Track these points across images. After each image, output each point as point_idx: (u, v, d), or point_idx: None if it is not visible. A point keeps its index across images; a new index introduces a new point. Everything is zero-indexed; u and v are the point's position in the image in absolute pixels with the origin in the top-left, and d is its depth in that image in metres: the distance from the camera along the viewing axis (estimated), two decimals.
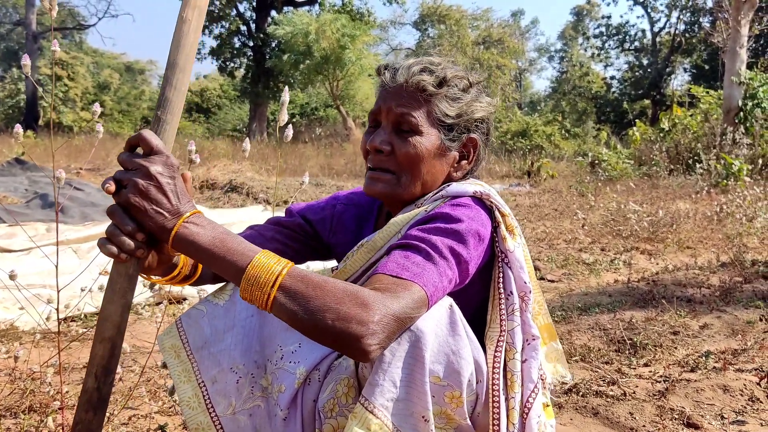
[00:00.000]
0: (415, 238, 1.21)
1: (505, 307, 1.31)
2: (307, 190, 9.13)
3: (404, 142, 1.34)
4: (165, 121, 1.14)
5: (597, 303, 3.70)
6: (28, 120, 25.86)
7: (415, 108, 1.34)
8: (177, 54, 1.14)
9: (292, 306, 1.04)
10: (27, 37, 29.07)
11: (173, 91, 1.14)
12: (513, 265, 1.32)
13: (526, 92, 48.51)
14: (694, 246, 5.53)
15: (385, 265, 1.16)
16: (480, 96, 1.41)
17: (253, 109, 27.51)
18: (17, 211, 6.39)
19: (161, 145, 1.12)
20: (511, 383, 1.27)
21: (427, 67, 1.35)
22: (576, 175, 12.33)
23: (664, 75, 33.26)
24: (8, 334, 2.89)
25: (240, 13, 27.88)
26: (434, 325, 1.13)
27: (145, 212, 1.09)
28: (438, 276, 1.16)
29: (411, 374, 1.12)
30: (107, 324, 1.12)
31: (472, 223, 1.25)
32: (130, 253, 1.11)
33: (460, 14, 36.64)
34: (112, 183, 1.10)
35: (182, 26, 1.14)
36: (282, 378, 1.33)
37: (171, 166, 1.12)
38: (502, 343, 1.28)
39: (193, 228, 1.10)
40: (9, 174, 10.18)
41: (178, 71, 1.14)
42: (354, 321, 1.02)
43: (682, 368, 2.62)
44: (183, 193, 1.13)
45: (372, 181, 1.38)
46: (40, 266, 4.12)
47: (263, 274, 1.05)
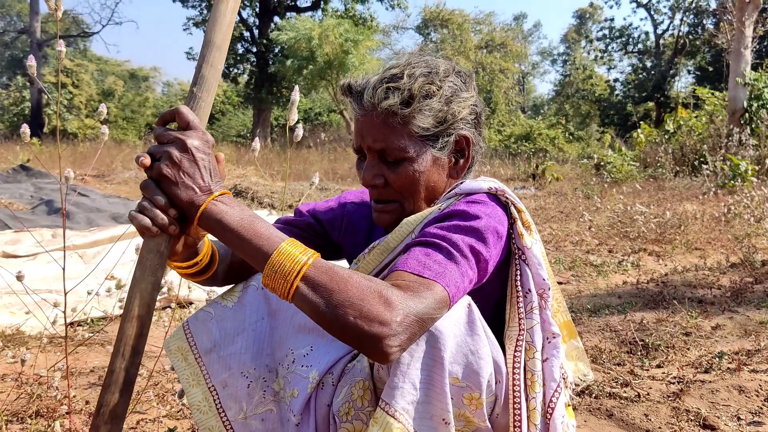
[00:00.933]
0: (434, 236, 1.18)
1: (524, 305, 1.28)
2: (312, 194, 9.13)
3: (395, 173, 1.31)
4: (200, 98, 1.14)
5: (606, 304, 3.67)
6: (33, 127, 25.91)
7: (393, 138, 1.29)
8: (214, 32, 1.15)
9: (315, 298, 1.02)
10: (31, 45, 29.20)
11: (209, 68, 1.14)
12: (531, 262, 1.29)
13: (530, 96, 48.53)
14: (703, 247, 5.49)
15: (405, 262, 1.13)
16: (455, 93, 1.33)
17: (257, 115, 27.55)
18: (23, 217, 6.39)
19: (197, 120, 1.11)
20: (531, 383, 1.24)
21: (391, 85, 1.27)
22: (581, 178, 12.30)
23: (668, 77, 33.20)
24: (15, 339, 2.87)
25: (243, 19, 27.95)
26: (452, 325, 1.11)
27: (176, 185, 1.07)
28: (460, 276, 1.13)
29: (430, 376, 1.09)
30: (136, 302, 1.09)
31: (490, 220, 1.22)
32: (163, 227, 1.09)
33: (462, 18, 36.68)
34: (147, 156, 1.08)
35: (219, 5, 1.16)
36: (294, 382, 1.30)
37: (207, 141, 1.11)
38: (522, 342, 1.25)
39: (222, 206, 1.08)
40: (14, 181, 10.21)
41: (215, 49, 1.15)
42: (376, 321, 0.99)
43: (695, 369, 2.59)
44: (215, 171, 1.11)
45: (379, 214, 1.37)
46: (46, 271, 4.11)
47: (288, 262, 1.03)
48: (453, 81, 1.33)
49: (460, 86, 1.34)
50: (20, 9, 42.72)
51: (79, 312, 2.72)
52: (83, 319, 3.17)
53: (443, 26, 36.60)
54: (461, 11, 37.13)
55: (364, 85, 1.32)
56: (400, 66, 1.32)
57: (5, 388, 2.30)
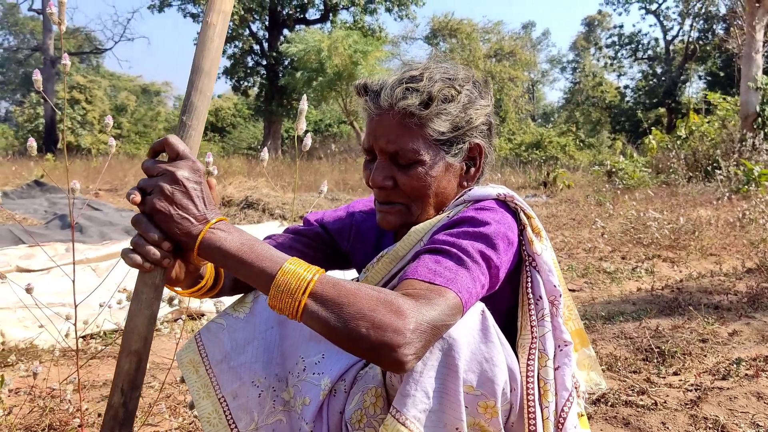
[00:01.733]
0: (443, 243, 1.16)
1: (535, 312, 1.26)
2: (322, 204, 9.14)
3: (406, 175, 1.29)
4: (190, 126, 1.12)
5: (621, 311, 3.63)
6: (47, 143, 26.23)
7: (407, 139, 1.27)
8: (202, 59, 1.13)
9: (324, 313, 1.00)
10: (45, 62, 29.58)
11: (198, 95, 1.13)
12: (541, 268, 1.27)
13: (539, 104, 48.48)
14: (718, 253, 5.43)
15: (415, 270, 1.11)
16: (473, 100, 1.32)
17: (267, 127, 27.71)
18: (37, 232, 6.43)
19: (187, 150, 1.10)
20: (544, 392, 1.21)
21: (410, 86, 1.25)
22: (592, 185, 12.23)
23: (679, 83, 33.05)
24: (28, 353, 2.88)
25: (253, 32, 28.20)
26: (466, 333, 1.09)
27: (171, 218, 1.06)
28: (471, 281, 1.11)
29: (444, 384, 1.08)
30: (133, 336, 1.09)
31: (500, 226, 1.21)
32: (156, 262, 1.08)
33: (471, 28, 36.75)
34: (137, 193, 1.08)
35: (207, 30, 1.14)
36: (306, 390, 1.28)
37: (197, 171, 1.09)
38: (535, 350, 1.23)
39: (220, 234, 1.08)
40: (29, 196, 10.32)
41: (203, 76, 1.13)
42: (389, 330, 0.97)
43: (713, 376, 2.54)
44: (209, 199, 1.10)
45: (383, 215, 1.35)
46: (60, 285, 4.12)
47: (293, 280, 1.02)
48: (471, 88, 1.32)
49: (477, 94, 1.33)
50: (33, 27, 43.32)
51: (91, 325, 2.72)
52: (96, 332, 3.17)
53: (452, 36, 36.68)
54: (470, 21, 37.22)
55: (381, 84, 1.30)
56: (420, 69, 1.30)
57: (18, 402, 2.30)
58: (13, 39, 46.97)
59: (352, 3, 27.29)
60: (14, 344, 2.94)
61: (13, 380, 2.49)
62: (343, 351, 1.31)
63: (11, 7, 43.20)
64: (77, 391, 2.26)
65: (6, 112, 47.15)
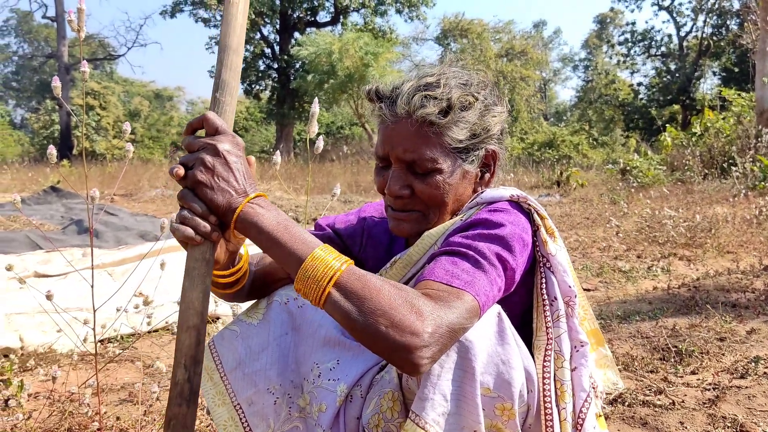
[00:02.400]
0: (460, 245, 1.16)
1: (550, 313, 1.26)
2: (335, 206, 9.16)
3: (424, 184, 1.28)
4: (224, 102, 1.15)
5: (637, 311, 3.60)
6: (63, 149, 26.47)
7: (425, 148, 1.25)
8: (229, 36, 1.17)
9: (346, 305, 1.00)
10: (59, 69, 29.89)
11: (229, 72, 1.16)
12: (556, 269, 1.27)
13: (552, 103, 48.25)
14: (735, 250, 5.38)
15: (433, 272, 1.11)
16: (489, 107, 1.31)
17: (280, 130, 27.81)
18: (54, 237, 6.50)
19: (225, 125, 1.12)
20: (561, 393, 1.21)
21: (428, 94, 1.24)
22: (606, 184, 12.16)
23: (693, 79, 32.77)
24: (47, 357, 2.91)
25: (264, 36, 28.32)
26: (483, 335, 1.09)
27: (212, 189, 1.06)
28: (488, 284, 1.11)
29: (461, 387, 1.08)
30: (190, 312, 1.10)
31: (515, 228, 1.20)
32: (206, 235, 1.09)
33: (481, 28, 36.65)
34: (180, 167, 1.08)
35: (230, 8, 1.17)
36: (322, 397, 1.28)
37: (238, 144, 1.10)
38: (551, 351, 1.23)
39: (258, 209, 1.08)
40: (45, 202, 10.42)
41: (232, 53, 1.16)
42: (408, 331, 0.97)
43: (731, 375, 2.52)
44: (249, 174, 1.11)
45: (398, 222, 1.33)
46: (78, 290, 4.16)
47: (322, 267, 1.02)
48: (487, 94, 1.32)
49: (493, 100, 1.33)
50: (47, 34, 43.79)
51: (109, 329, 2.75)
52: (113, 336, 3.20)
53: (463, 36, 36.60)
54: (480, 21, 37.10)
55: (397, 91, 1.28)
56: (435, 74, 1.29)
57: (38, 406, 2.33)
58: (27, 46, 47.55)
59: (362, 5, 27.34)
60: (33, 349, 2.97)
61: (32, 385, 2.52)
62: (358, 357, 1.31)
63: (25, 15, 43.69)
64: (96, 394, 2.28)
65: (22, 119, 47.68)
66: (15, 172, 16.35)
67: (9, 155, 27.59)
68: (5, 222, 7.59)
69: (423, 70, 1.33)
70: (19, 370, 2.71)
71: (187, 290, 1.10)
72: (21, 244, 5.84)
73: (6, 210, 8.58)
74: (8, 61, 47.59)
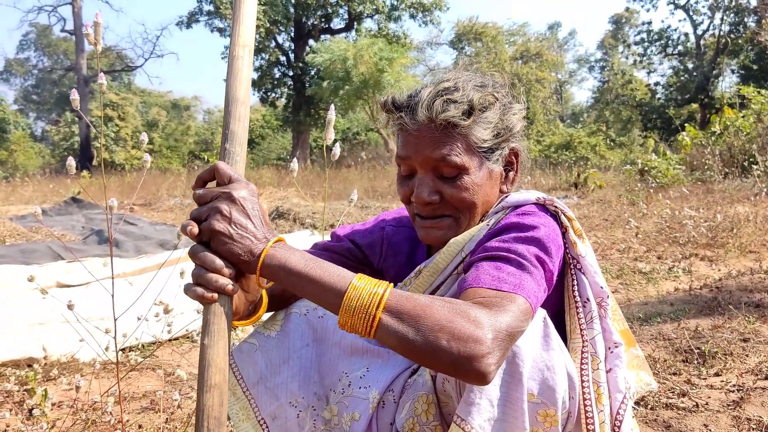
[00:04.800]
0: (499, 249, 1.15)
1: (583, 315, 1.25)
2: (352, 212, 9.17)
3: (454, 187, 1.26)
4: (234, 152, 1.14)
5: (658, 312, 3.56)
6: (83, 161, 26.83)
7: (453, 149, 1.24)
8: (236, 89, 1.17)
9: (401, 327, 0.97)
10: (78, 82, 30.32)
11: (237, 123, 1.15)
12: (587, 270, 1.26)
13: (568, 104, 47.98)
14: (758, 250, 5.30)
15: (477, 279, 1.09)
16: (509, 106, 1.31)
17: (296, 137, 27.96)
18: (75, 247, 6.58)
19: (237, 174, 1.09)
20: (598, 396, 1.19)
21: (449, 98, 1.23)
22: (625, 185, 12.04)
23: (711, 78, 32.40)
24: (69, 367, 2.95)
25: (279, 44, 28.51)
26: (529, 339, 1.08)
27: (230, 238, 1.03)
28: (536, 285, 1.10)
29: (508, 392, 1.06)
30: (211, 370, 1.04)
31: (548, 230, 1.20)
32: (220, 290, 1.04)
33: (496, 31, 36.59)
34: (193, 224, 1.05)
35: (235, 63, 1.18)
36: (354, 405, 1.27)
37: (253, 191, 1.08)
38: (587, 354, 1.22)
39: (282, 252, 1.05)
40: (66, 213, 10.56)
41: (239, 105, 1.16)
42: (470, 340, 0.95)
43: (756, 376, 2.48)
44: (266, 219, 1.09)
45: (428, 230, 1.30)
46: (98, 299, 4.21)
47: (366, 295, 0.99)
48: (506, 93, 1.32)
49: (512, 98, 1.33)
50: (66, 47, 44.46)
51: (130, 337, 2.77)
52: (135, 345, 3.23)
53: (477, 39, 36.56)
54: (494, 24, 37.06)
55: (415, 98, 1.27)
56: (451, 79, 1.28)
57: (62, 415, 2.36)
58: (47, 60, 48.30)
59: (376, 11, 27.44)
60: (56, 358, 3.01)
61: (55, 394, 2.55)
62: (388, 362, 1.30)
63: (44, 29, 44.37)
64: (118, 403, 2.30)
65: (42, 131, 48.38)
66: (36, 183, 16.60)
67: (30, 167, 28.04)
68: (27, 233, 7.70)
69: (438, 76, 1.32)
70: (42, 380, 2.75)
71: (207, 347, 1.05)
72: (43, 255, 5.91)
73: (28, 221, 8.71)
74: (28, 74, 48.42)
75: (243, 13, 1.20)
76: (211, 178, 1.10)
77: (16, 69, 48.60)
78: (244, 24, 1.20)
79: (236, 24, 1.20)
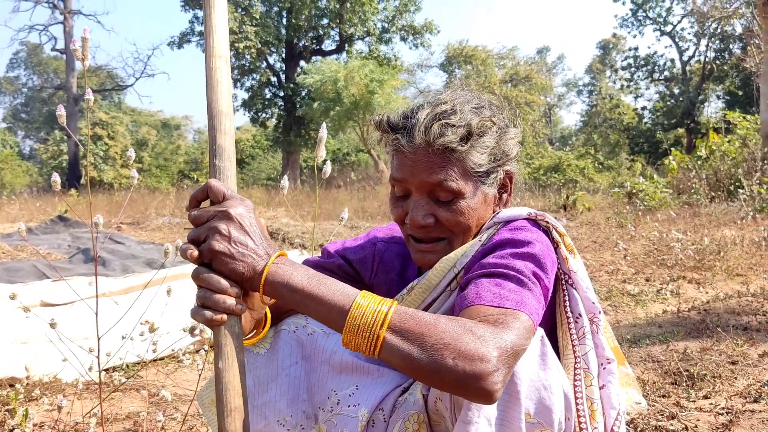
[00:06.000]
0: (496, 266, 1.14)
1: (575, 330, 1.24)
2: (342, 232, 9.15)
3: (449, 211, 1.26)
4: (224, 167, 1.11)
5: (647, 334, 3.56)
6: (71, 179, 26.69)
7: (449, 175, 1.23)
8: (218, 102, 1.14)
9: (405, 346, 0.96)
10: (68, 100, 30.27)
11: (224, 137, 1.12)
12: (578, 285, 1.26)
13: (557, 127, 48.39)
14: (745, 273, 5.33)
15: (478, 296, 1.08)
16: (505, 130, 1.31)
17: (286, 158, 27.99)
18: (61, 266, 6.51)
19: (231, 190, 1.07)
20: (592, 412, 1.19)
21: (447, 122, 1.21)
22: (613, 207, 12.12)
23: (697, 103, 32.84)
24: (52, 387, 2.90)
25: (270, 64, 28.66)
26: (527, 358, 1.07)
27: (232, 256, 1.01)
28: (536, 302, 1.10)
29: (505, 411, 1.05)
30: (230, 393, 1.02)
31: (542, 245, 1.20)
32: (228, 310, 1.02)
33: (485, 54, 36.98)
34: (193, 247, 1.03)
35: (213, 75, 1.14)
36: (342, 424, 1.25)
37: (249, 206, 1.06)
38: (580, 370, 1.21)
39: (285, 268, 1.03)
40: (52, 231, 10.46)
41: (224, 117, 1.13)
42: (476, 358, 0.93)
43: (744, 399, 2.48)
44: (265, 234, 1.07)
45: (424, 254, 1.30)
46: (83, 319, 4.15)
47: (370, 313, 0.98)
48: (501, 117, 1.31)
49: (507, 122, 1.33)
50: (57, 66, 44.43)
51: (114, 357, 2.73)
52: (119, 365, 3.18)
53: (467, 63, 36.92)
54: (484, 47, 37.46)
55: (411, 120, 1.25)
56: (447, 101, 1.27)
57: None
58: (37, 78, 48.24)
59: (367, 33, 27.69)
60: (38, 378, 2.96)
61: (37, 414, 2.50)
62: (378, 380, 1.28)
63: (35, 48, 44.37)
64: (100, 424, 2.26)
65: (30, 149, 48.18)
66: (23, 202, 16.46)
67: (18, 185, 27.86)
68: (12, 252, 7.62)
69: (434, 97, 1.31)
70: (24, 400, 2.69)
71: (222, 371, 1.03)
72: (27, 274, 5.85)
73: (13, 240, 8.62)
74: (18, 92, 48.31)
75: (214, 23, 1.16)
76: (205, 197, 1.07)
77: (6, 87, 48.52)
78: (217, 34, 1.16)
79: (209, 35, 1.16)
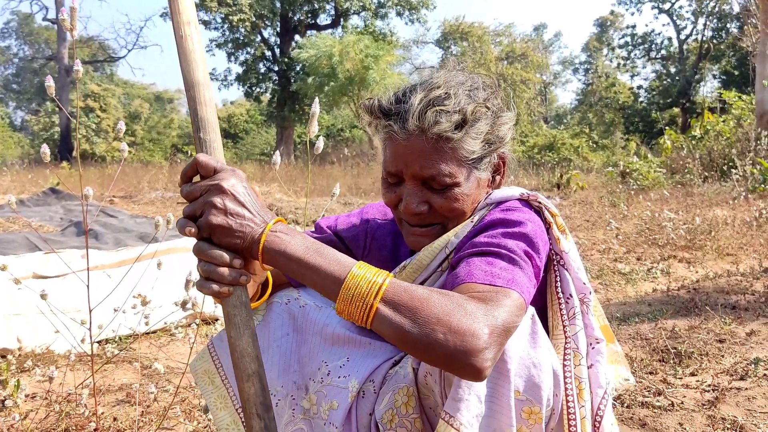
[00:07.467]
0: (488, 245, 1.14)
1: (566, 311, 1.25)
2: (335, 208, 9.15)
3: (443, 198, 1.25)
4: (210, 140, 1.09)
5: (636, 312, 3.60)
6: (62, 151, 26.52)
7: (443, 163, 1.22)
8: (193, 72, 1.09)
9: (398, 318, 0.96)
10: (59, 71, 29.93)
11: (205, 108, 1.09)
12: (570, 266, 1.26)
13: (552, 106, 48.26)
14: (735, 252, 5.37)
15: (470, 274, 1.08)
16: (499, 114, 1.29)
17: (280, 133, 27.87)
18: (53, 239, 6.49)
19: (220, 163, 1.06)
20: (580, 391, 1.19)
21: (441, 108, 1.19)
22: (606, 186, 12.15)
23: (693, 82, 32.80)
24: (44, 358, 2.91)
25: (264, 38, 28.37)
26: (517, 336, 1.08)
27: (230, 229, 1.01)
28: (527, 280, 1.10)
29: (495, 388, 1.06)
30: (245, 360, 1.05)
31: (534, 226, 1.20)
32: (234, 282, 1.04)
33: (482, 31, 36.72)
34: (191, 223, 1.03)
35: (184, 44, 1.10)
36: (333, 395, 1.26)
37: (240, 176, 1.06)
38: (569, 350, 1.22)
39: (282, 236, 1.03)
40: (44, 204, 10.41)
41: (201, 87, 1.10)
42: (467, 334, 0.94)
43: (731, 376, 2.52)
44: (260, 202, 1.07)
45: (417, 237, 1.29)
46: (75, 291, 4.16)
47: (364, 284, 0.98)
48: (496, 100, 1.30)
49: (502, 105, 1.31)
50: (48, 36, 43.84)
51: (106, 329, 2.74)
52: (111, 337, 3.19)
53: (463, 39, 36.66)
54: (481, 24, 37.18)
55: (404, 106, 1.23)
56: (441, 85, 1.24)
57: (35, 407, 2.32)
58: (28, 49, 47.57)
59: (363, 8, 27.40)
60: (31, 350, 2.97)
61: (29, 385, 2.51)
62: (369, 353, 1.29)
63: (26, 17, 43.75)
64: (93, 395, 2.27)
65: (22, 121, 47.71)
66: (15, 173, 16.35)
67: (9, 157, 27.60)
68: (4, 224, 7.59)
69: (428, 79, 1.28)
70: (16, 371, 2.70)
71: (235, 340, 1.05)
72: (19, 246, 5.82)
73: (5, 212, 8.57)
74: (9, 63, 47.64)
75: None
76: (195, 173, 1.06)
77: None
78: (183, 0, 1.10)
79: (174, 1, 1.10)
